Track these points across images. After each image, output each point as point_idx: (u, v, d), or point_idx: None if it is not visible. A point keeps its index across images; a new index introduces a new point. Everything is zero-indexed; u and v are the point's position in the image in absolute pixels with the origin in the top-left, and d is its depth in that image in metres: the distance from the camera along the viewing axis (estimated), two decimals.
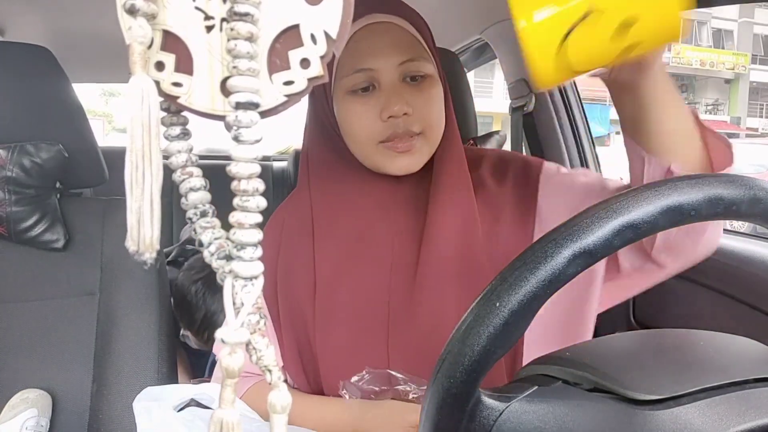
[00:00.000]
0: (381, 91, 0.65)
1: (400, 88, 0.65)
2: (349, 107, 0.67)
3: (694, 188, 0.36)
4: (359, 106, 0.66)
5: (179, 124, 0.28)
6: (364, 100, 0.66)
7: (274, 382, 0.26)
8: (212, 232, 0.27)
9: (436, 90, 0.68)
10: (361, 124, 0.66)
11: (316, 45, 0.27)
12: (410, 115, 0.65)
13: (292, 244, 0.74)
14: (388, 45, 0.65)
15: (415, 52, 0.66)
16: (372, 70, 0.65)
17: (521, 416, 0.37)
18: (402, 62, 0.65)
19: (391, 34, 0.65)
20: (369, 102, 0.66)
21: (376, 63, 0.64)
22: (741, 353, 0.42)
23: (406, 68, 0.65)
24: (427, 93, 0.66)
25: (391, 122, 0.65)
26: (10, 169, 0.89)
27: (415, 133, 0.66)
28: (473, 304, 0.36)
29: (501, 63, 1.50)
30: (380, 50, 0.64)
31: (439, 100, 0.68)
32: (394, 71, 0.65)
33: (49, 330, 0.94)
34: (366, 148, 0.68)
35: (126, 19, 0.25)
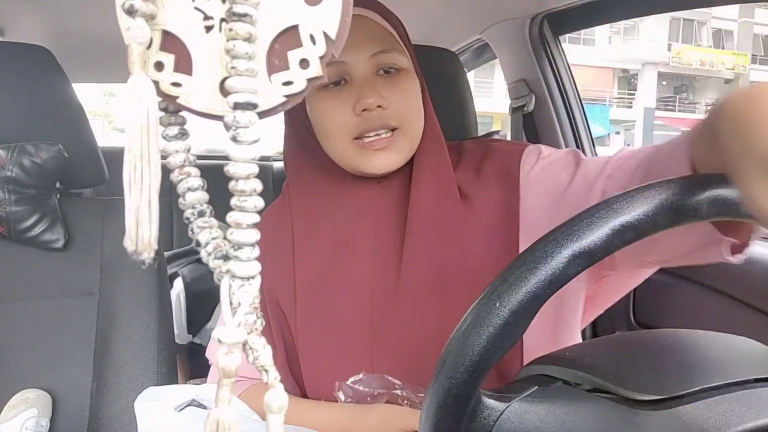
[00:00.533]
0: (353, 84, 0.63)
1: (373, 80, 0.63)
2: (321, 103, 0.64)
3: (694, 188, 0.36)
4: (331, 101, 0.63)
5: (177, 124, 0.28)
6: (335, 95, 0.63)
7: (270, 382, 0.26)
8: (210, 231, 0.27)
9: (412, 84, 0.66)
10: (334, 120, 0.64)
11: (315, 45, 0.27)
12: (385, 108, 0.62)
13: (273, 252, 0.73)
14: (359, 37, 0.62)
15: (387, 44, 0.64)
16: (343, 63, 0.62)
17: (521, 416, 0.36)
18: (374, 54, 0.63)
19: (361, 27, 0.63)
20: (341, 96, 0.63)
21: (346, 55, 0.62)
22: (741, 353, 0.42)
23: (379, 60, 0.63)
24: (402, 86, 0.64)
25: (365, 116, 0.62)
26: (10, 169, 0.89)
27: (391, 127, 0.63)
28: (473, 304, 0.36)
29: (501, 63, 1.50)
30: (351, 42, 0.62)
31: (415, 95, 0.66)
32: (366, 63, 0.63)
33: (49, 330, 0.94)
34: (340, 145, 0.65)
35: (125, 20, 0.25)
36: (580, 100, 1.40)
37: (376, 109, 0.62)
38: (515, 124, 1.46)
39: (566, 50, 1.40)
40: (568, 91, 1.38)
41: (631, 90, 22.80)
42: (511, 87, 1.47)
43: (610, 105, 21.28)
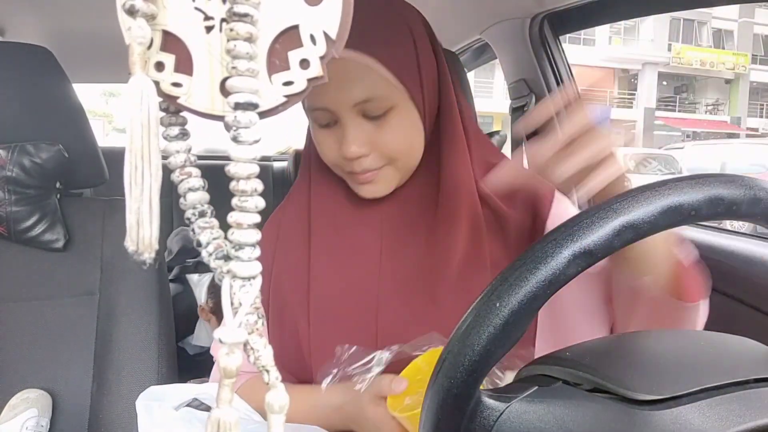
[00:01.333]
0: (340, 127, 0.64)
1: (357, 127, 0.63)
2: (317, 136, 0.67)
3: (694, 188, 0.36)
4: (324, 139, 0.66)
5: (178, 125, 0.28)
6: (328, 133, 0.65)
7: (271, 382, 0.26)
8: (210, 232, 0.27)
9: (402, 120, 0.64)
10: (326, 154, 0.67)
11: (315, 45, 0.27)
12: (367, 156, 0.64)
13: (289, 241, 0.74)
14: (343, 85, 0.61)
15: (372, 90, 0.61)
16: (329, 110, 0.63)
17: (522, 416, 0.36)
18: (356, 103, 0.62)
19: (346, 72, 0.60)
20: (332, 135, 0.65)
21: (331, 103, 0.62)
22: (741, 353, 0.42)
23: (363, 108, 0.62)
24: (388, 126, 0.63)
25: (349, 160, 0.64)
26: (10, 169, 0.89)
27: (377, 167, 0.65)
28: (473, 304, 0.36)
29: (501, 63, 1.50)
30: (335, 89, 0.61)
31: (406, 130, 0.65)
32: (351, 110, 0.62)
33: (49, 330, 0.94)
34: (336, 172, 0.69)
35: (125, 20, 0.25)
36: None
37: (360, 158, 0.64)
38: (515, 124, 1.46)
39: (566, 50, 1.40)
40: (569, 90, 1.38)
41: (631, 90, 22.81)
42: (511, 87, 1.47)
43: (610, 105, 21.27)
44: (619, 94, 22.65)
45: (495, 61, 1.60)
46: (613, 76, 22.43)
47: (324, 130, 0.65)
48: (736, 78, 22.84)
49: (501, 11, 1.33)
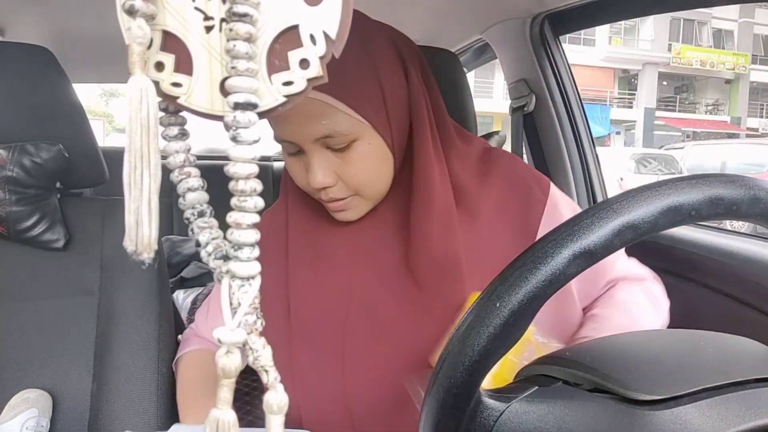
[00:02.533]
0: (307, 157, 0.64)
1: (323, 158, 0.63)
2: (287, 163, 0.68)
3: (694, 188, 0.36)
4: (293, 165, 0.66)
5: (177, 124, 0.28)
6: (295, 160, 0.66)
7: (270, 383, 0.26)
8: (210, 232, 0.27)
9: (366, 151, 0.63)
10: (297, 181, 0.68)
11: (315, 45, 0.27)
12: (334, 185, 0.64)
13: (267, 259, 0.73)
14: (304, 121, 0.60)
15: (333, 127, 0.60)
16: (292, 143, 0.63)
17: (522, 416, 0.36)
18: (318, 138, 0.61)
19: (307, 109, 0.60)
20: (300, 162, 0.65)
21: (294, 136, 0.62)
22: (741, 353, 0.42)
23: (324, 143, 0.62)
24: (354, 159, 0.63)
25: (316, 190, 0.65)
26: (10, 168, 0.89)
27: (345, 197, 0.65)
28: (473, 304, 0.36)
29: (501, 63, 1.50)
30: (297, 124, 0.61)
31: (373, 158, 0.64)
32: (314, 143, 0.62)
33: (49, 330, 0.94)
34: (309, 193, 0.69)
35: (125, 20, 0.25)
36: (580, 99, 1.40)
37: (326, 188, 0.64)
38: (515, 124, 1.46)
39: (566, 50, 1.40)
40: (569, 91, 1.38)
41: (631, 90, 22.80)
42: (511, 87, 1.47)
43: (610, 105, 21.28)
44: (619, 94, 22.65)
45: (495, 61, 1.60)
46: (613, 76, 22.42)
47: (292, 157, 0.66)
48: (736, 78, 22.83)
49: (501, 11, 1.33)
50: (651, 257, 1.11)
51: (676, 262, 1.05)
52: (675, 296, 0.85)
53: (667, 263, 1.07)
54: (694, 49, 21.94)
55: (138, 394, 0.92)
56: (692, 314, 1.00)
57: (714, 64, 21.88)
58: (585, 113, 1.41)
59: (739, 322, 0.91)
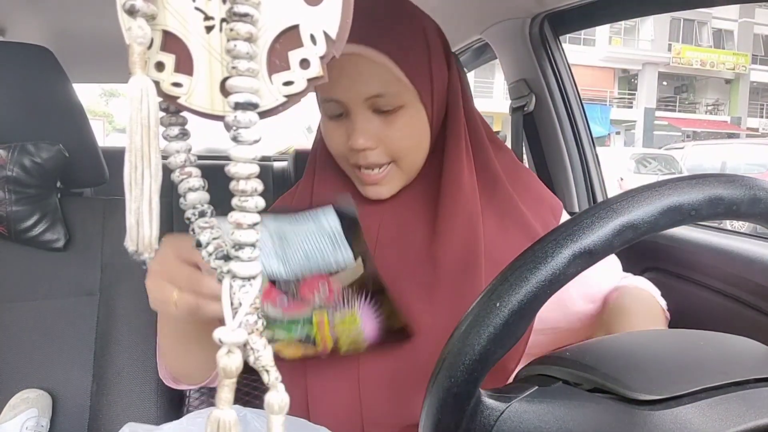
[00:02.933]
0: (350, 119, 0.65)
1: (366, 120, 0.64)
2: (326, 128, 0.68)
3: (694, 188, 0.36)
4: (333, 131, 0.67)
5: (178, 124, 0.28)
6: (337, 125, 0.66)
7: (271, 383, 0.26)
8: (210, 232, 0.27)
9: (411, 119, 0.65)
10: (334, 147, 0.68)
11: (315, 45, 0.27)
12: (374, 149, 0.64)
13: None
14: (354, 80, 0.62)
15: (384, 86, 0.62)
16: (339, 102, 0.64)
17: (522, 416, 0.36)
18: (368, 98, 0.63)
19: (360, 67, 0.62)
20: (341, 127, 0.66)
21: (343, 95, 0.63)
22: (741, 353, 0.42)
23: (374, 103, 0.63)
24: (397, 125, 0.64)
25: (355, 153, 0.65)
26: (10, 168, 0.89)
27: (384, 163, 0.66)
28: (473, 304, 0.36)
29: (501, 63, 1.50)
30: (348, 82, 0.63)
31: (414, 129, 0.66)
32: (362, 104, 0.63)
33: (49, 330, 0.94)
34: (343, 166, 0.69)
35: (126, 20, 0.25)
36: (580, 99, 1.40)
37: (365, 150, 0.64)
38: (515, 124, 1.46)
39: (566, 50, 1.40)
40: (569, 91, 1.38)
41: (631, 90, 22.80)
42: (511, 87, 1.47)
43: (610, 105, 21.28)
44: (619, 94, 22.64)
45: (495, 61, 1.60)
46: (613, 76, 22.42)
47: (333, 121, 0.66)
48: (736, 78, 22.83)
49: (501, 11, 1.33)
50: (651, 257, 1.11)
51: (676, 262, 1.05)
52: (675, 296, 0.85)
53: (667, 263, 1.07)
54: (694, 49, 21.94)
55: (138, 394, 0.92)
56: (692, 314, 1.00)
57: (714, 64, 21.88)
58: (585, 113, 1.41)
59: (739, 322, 0.91)
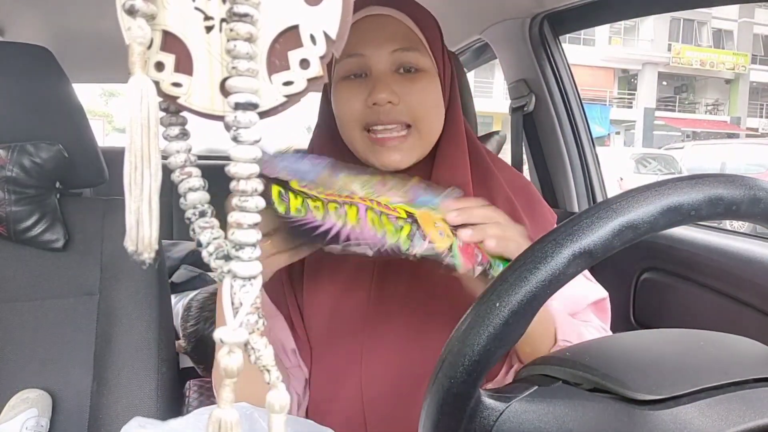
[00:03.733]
0: (371, 78, 0.65)
1: (390, 77, 0.65)
2: (340, 92, 0.67)
3: (694, 188, 0.36)
4: (348, 91, 0.66)
5: (178, 124, 0.28)
6: (354, 85, 0.66)
7: (272, 382, 0.26)
8: (211, 232, 0.27)
9: (430, 85, 0.67)
10: (347, 107, 0.66)
11: (315, 45, 0.27)
12: (396, 105, 0.64)
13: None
14: (382, 34, 0.65)
15: (408, 43, 0.66)
16: (363, 56, 0.65)
17: (521, 416, 0.36)
18: (394, 50, 0.65)
19: (385, 25, 0.66)
20: (358, 87, 0.66)
21: (367, 49, 0.65)
22: (741, 353, 0.42)
23: (398, 57, 0.65)
24: (419, 85, 0.66)
25: (375, 109, 0.64)
26: (10, 168, 0.89)
27: (403, 122, 0.65)
28: (473, 304, 0.36)
29: (501, 63, 1.50)
30: (373, 38, 0.65)
31: (432, 95, 0.67)
32: (386, 59, 0.65)
33: (49, 330, 0.94)
34: (352, 134, 0.67)
35: (125, 20, 0.25)
36: (580, 99, 1.40)
37: (387, 104, 0.64)
38: (515, 124, 1.46)
39: (566, 50, 1.40)
40: (568, 91, 1.38)
41: (631, 90, 22.80)
42: (511, 87, 1.47)
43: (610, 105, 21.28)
44: (619, 94, 22.64)
45: (495, 61, 1.60)
46: (613, 76, 22.41)
47: (351, 81, 0.66)
48: (736, 78, 22.82)
49: (501, 11, 1.33)
50: (651, 257, 1.11)
51: (676, 262, 1.05)
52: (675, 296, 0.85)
53: (667, 263, 1.07)
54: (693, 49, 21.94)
55: (138, 394, 0.92)
56: (692, 314, 1.00)
57: (714, 64, 21.88)
58: (585, 113, 1.41)
59: (739, 322, 0.91)
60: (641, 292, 1.13)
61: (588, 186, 1.39)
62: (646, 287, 1.12)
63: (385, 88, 0.63)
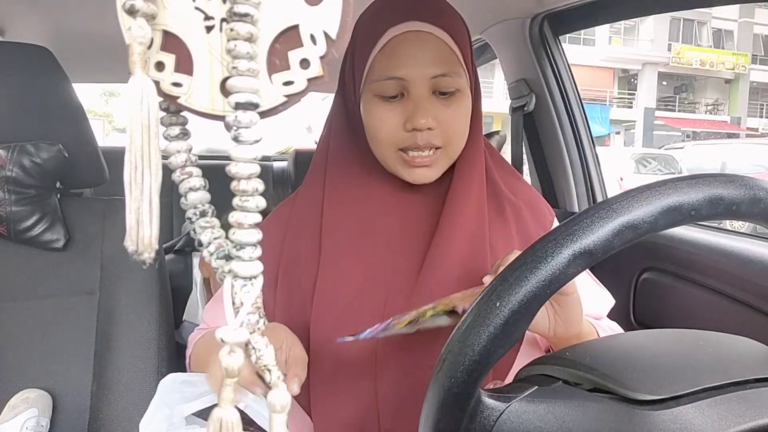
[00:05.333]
0: (409, 101, 0.65)
1: (428, 101, 0.65)
2: (376, 110, 0.67)
3: (694, 188, 0.36)
4: (385, 113, 0.66)
5: (178, 124, 0.28)
6: (391, 107, 0.66)
7: (273, 382, 0.26)
8: (211, 231, 0.27)
9: (464, 105, 0.67)
10: (385, 130, 0.66)
11: (315, 45, 0.27)
12: (433, 129, 0.65)
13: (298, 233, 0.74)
14: (424, 57, 0.64)
15: (449, 66, 0.65)
16: (404, 80, 0.64)
17: (522, 416, 0.36)
18: (435, 76, 0.64)
19: (428, 45, 0.65)
20: (396, 109, 0.66)
21: (408, 73, 0.64)
22: (741, 353, 0.42)
23: (438, 83, 0.65)
24: (455, 108, 0.66)
25: (413, 134, 0.65)
26: (10, 168, 0.89)
27: (435, 146, 0.66)
28: (473, 304, 0.36)
29: (501, 63, 1.50)
30: (415, 61, 0.64)
31: (465, 115, 0.68)
32: (426, 83, 0.65)
33: (49, 329, 0.94)
34: (386, 153, 0.68)
35: (126, 20, 0.25)
36: (580, 99, 1.40)
37: (426, 130, 0.65)
38: (515, 124, 1.46)
39: (566, 50, 1.40)
40: (569, 91, 1.38)
41: (631, 90, 22.79)
42: (511, 87, 1.47)
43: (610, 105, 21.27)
44: (619, 94, 22.64)
45: (495, 61, 1.60)
46: (613, 76, 22.41)
47: (387, 104, 0.66)
48: (736, 78, 22.82)
49: (501, 11, 1.33)
50: (651, 257, 1.11)
51: (676, 262, 1.05)
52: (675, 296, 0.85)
53: (667, 263, 1.07)
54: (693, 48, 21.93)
55: (138, 394, 0.92)
56: (692, 314, 1.00)
57: (714, 64, 21.87)
58: (585, 113, 1.41)
59: (739, 322, 0.91)
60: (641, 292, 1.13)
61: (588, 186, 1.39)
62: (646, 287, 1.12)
63: (425, 114, 0.64)
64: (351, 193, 0.72)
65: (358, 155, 0.72)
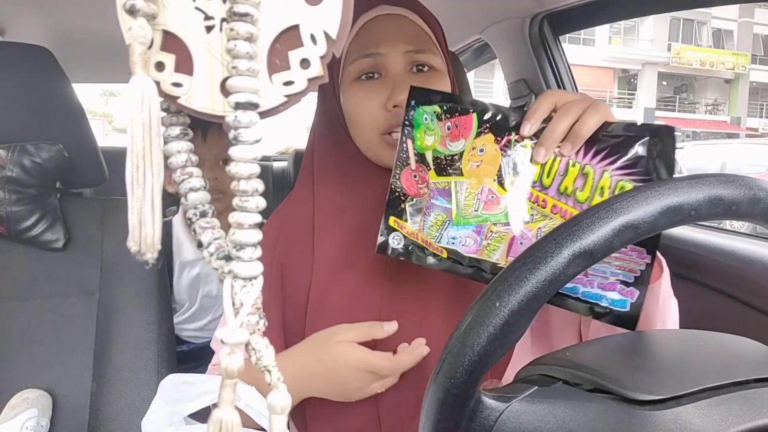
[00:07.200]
0: (387, 79, 0.66)
1: (406, 77, 0.65)
2: (355, 94, 0.67)
3: (694, 188, 0.36)
4: (364, 93, 0.66)
5: (179, 124, 0.28)
6: (369, 87, 0.66)
7: (273, 383, 0.26)
8: (212, 232, 0.27)
9: (442, 85, 0.68)
10: (365, 112, 0.66)
11: (316, 45, 0.27)
12: None
13: (290, 238, 0.74)
14: (397, 34, 0.66)
15: (422, 44, 0.67)
16: (379, 55, 0.65)
17: (521, 416, 0.36)
18: (408, 50, 0.66)
19: (399, 25, 0.67)
20: (374, 89, 0.66)
21: (383, 48, 0.65)
22: (741, 353, 0.42)
23: (413, 57, 0.66)
24: (433, 84, 0.66)
25: (395, 111, 0.65)
26: (10, 168, 0.89)
27: None
28: (473, 304, 0.36)
29: (501, 63, 1.50)
30: (387, 38, 0.65)
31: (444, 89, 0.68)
32: (401, 58, 0.66)
33: (49, 329, 0.94)
34: (369, 138, 0.68)
35: (126, 20, 0.25)
36: None
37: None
38: None
39: (566, 50, 1.40)
40: (568, 90, 1.38)
41: (631, 90, 22.80)
42: (511, 87, 1.47)
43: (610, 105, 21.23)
44: (619, 94, 22.65)
45: (495, 61, 1.60)
46: (613, 76, 22.42)
47: (365, 84, 0.67)
48: (736, 78, 22.83)
49: (501, 11, 1.33)
50: None
51: (676, 262, 1.05)
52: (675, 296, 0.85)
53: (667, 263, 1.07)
54: (693, 49, 21.95)
55: (138, 394, 0.92)
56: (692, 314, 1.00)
57: (714, 64, 21.89)
58: None
59: (739, 322, 0.91)
60: None
61: None
62: None
63: (404, 89, 0.63)
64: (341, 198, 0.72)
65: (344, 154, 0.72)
